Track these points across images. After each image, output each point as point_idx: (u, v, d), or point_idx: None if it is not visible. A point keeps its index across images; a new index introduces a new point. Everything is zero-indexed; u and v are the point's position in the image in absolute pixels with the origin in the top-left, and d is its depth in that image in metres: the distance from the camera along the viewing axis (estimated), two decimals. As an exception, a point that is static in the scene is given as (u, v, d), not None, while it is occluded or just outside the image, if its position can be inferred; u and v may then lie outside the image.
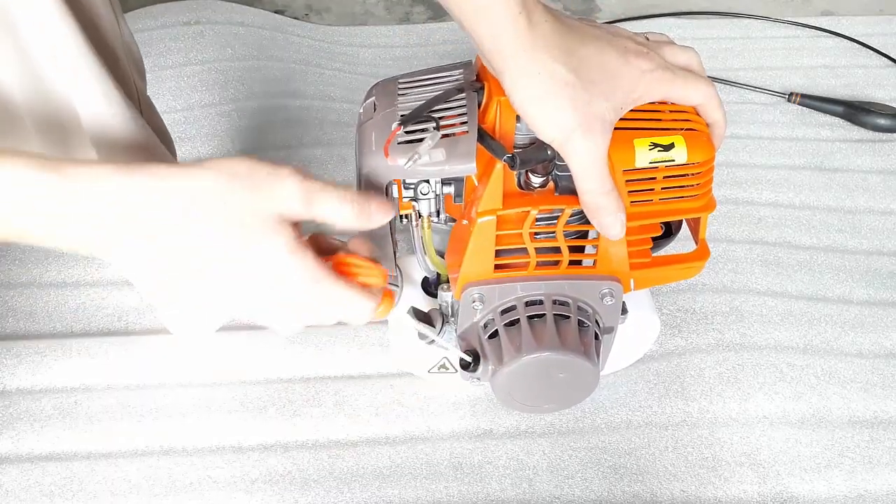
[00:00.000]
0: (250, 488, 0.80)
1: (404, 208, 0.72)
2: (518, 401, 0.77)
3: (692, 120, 0.68)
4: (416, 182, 0.70)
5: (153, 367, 0.89)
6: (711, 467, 0.82)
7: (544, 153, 0.66)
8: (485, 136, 0.66)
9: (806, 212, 1.10)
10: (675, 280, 0.77)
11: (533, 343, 0.71)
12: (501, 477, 0.81)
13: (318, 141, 1.17)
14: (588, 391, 0.77)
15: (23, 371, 0.88)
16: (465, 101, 0.67)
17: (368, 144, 0.68)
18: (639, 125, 0.67)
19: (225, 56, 1.25)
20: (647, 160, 0.66)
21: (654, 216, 0.70)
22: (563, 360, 0.71)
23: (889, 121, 1.21)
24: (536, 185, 0.69)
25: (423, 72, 0.73)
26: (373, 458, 0.83)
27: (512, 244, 0.70)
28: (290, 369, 0.90)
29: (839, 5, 1.50)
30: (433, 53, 1.37)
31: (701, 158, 0.67)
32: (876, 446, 0.84)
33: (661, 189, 0.68)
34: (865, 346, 0.93)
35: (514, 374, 0.72)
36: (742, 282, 0.99)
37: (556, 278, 0.72)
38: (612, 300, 0.73)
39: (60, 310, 0.94)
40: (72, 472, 0.80)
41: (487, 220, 0.68)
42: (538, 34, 0.61)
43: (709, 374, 0.89)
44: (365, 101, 0.72)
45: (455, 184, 0.71)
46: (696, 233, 0.75)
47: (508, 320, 0.73)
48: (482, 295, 0.72)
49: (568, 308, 0.73)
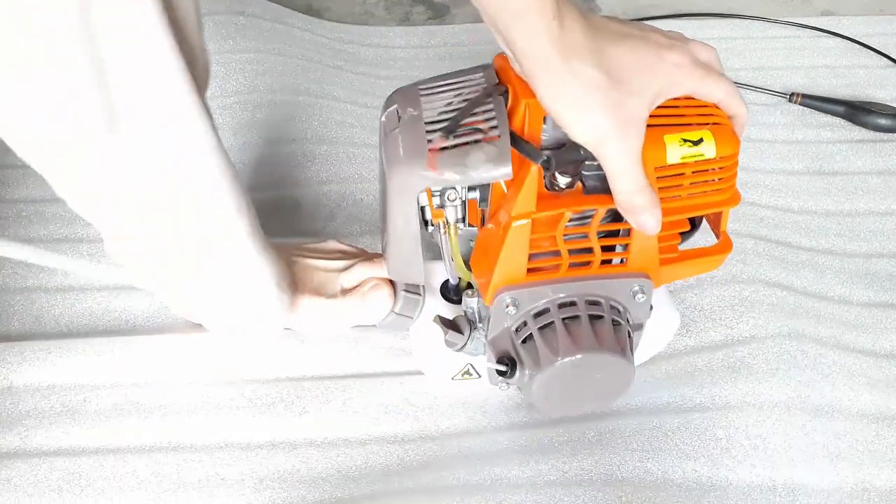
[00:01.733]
0: (258, 486, 0.80)
1: (435, 216, 0.71)
2: (554, 403, 0.77)
3: (714, 114, 0.68)
4: (442, 189, 0.70)
5: (160, 365, 0.89)
6: (725, 448, 0.82)
7: (578, 154, 0.65)
8: (518, 140, 0.66)
9: (804, 216, 1.10)
10: (698, 273, 0.77)
11: (570, 345, 0.71)
12: (509, 459, 0.81)
13: (323, 138, 1.17)
14: (624, 388, 0.77)
15: (29, 369, 0.87)
16: (492, 104, 0.67)
17: (396, 153, 0.67)
18: (667, 121, 0.67)
19: (226, 48, 1.25)
20: (677, 156, 0.66)
21: (683, 211, 0.70)
22: (601, 359, 0.71)
23: (890, 121, 1.22)
24: (564, 186, 0.69)
25: (443, 77, 0.72)
26: (382, 456, 0.82)
27: (544, 247, 0.70)
28: (299, 367, 0.89)
29: (839, 5, 1.50)
30: (434, 55, 1.37)
31: (728, 152, 0.68)
32: (881, 442, 0.84)
33: (690, 184, 0.69)
34: (867, 345, 0.93)
35: (552, 377, 0.72)
36: (751, 272, 0.99)
37: (588, 278, 0.72)
38: (643, 297, 0.73)
39: (67, 313, 0.94)
40: (80, 468, 0.80)
41: (522, 223, 0.67)
42: (570, 38, 0.62)
43: (719, 366, 0.89)
44: (387, 109, 0.71)
45: (481, 189, 0.71)
46: (717, 226, 0.75)
47: (542, 323, 0.72)
48: (515, 299, 0.72)
49: (601, 308, 0.73)
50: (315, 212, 1.08)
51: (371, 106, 1.24)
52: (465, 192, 0.71)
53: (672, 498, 0.78)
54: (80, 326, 0.93)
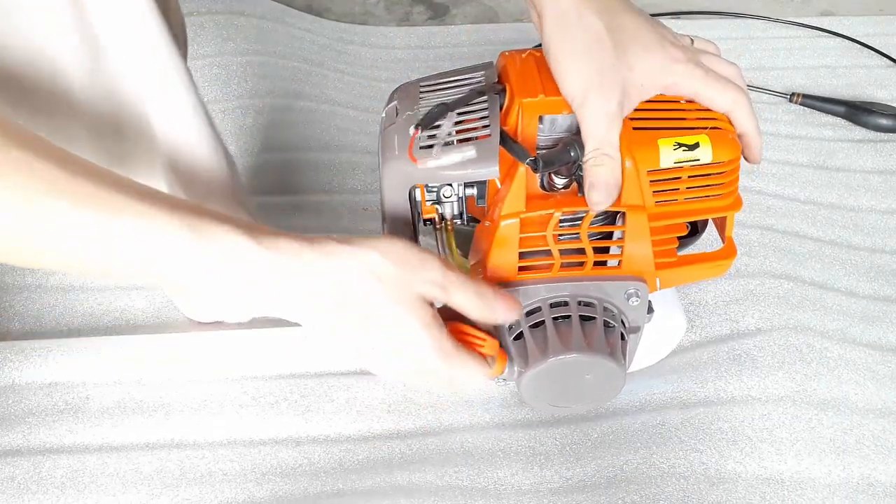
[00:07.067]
0: (260, 479, 0.80)
1: (427, 212, 0.72)
2: (545, 401, 0.76)
3: (716, 118, 0.68)
4: (438, 186, 0.70)
5: (163, 363, 0.89)
6: (732, 440, 0.82)
7: (567, 155, 0.66)
8: (507, 139, 0.66)
9: (810, 206, 1.10)
10: (703, 278, 0.77)
11: (559, 345, 0.70)
12: (512, 462, 0.81)
13: (326, 146, 1.17)
14: (615, 391, 0.76)
15: (31, 368, 0.87)
16: (486, 103, 0.67)
17: (391, 149, 0.68)
18: (663, 125, 0.67)
19: (227, 50, 1.24)
20: (671, 160, 0.66)
21: (680, 216, 0.70)
22: (590, 361, 0.71)
23: (890, 121, 1.21)
24: (559, 187, 0.69)
25: (445, 74, 0.73)
26: (384, 451, 0.82)
27: (536, 246, 0.70)
28: (303, 365, 0.89)
29: (839, 5, 1.51)
30: (434, 56, 1.37)
31: (726, 157, 0.67)
32: (888, 437, 0.84)
33: (686, 189, 0.69)
34: (872, 338, 0.93)
35: (540, 375, 0.72)
36: (756, 265, 0.99)
37: (581, 279, 0.72)
38: (637, 300, 0.73)
39: (68, 312, 0.94)
40: (83, 465, 0.80)
41: (511, 222, 0.67)
42: None
43: (724, 360, 0.89)
44: (387, 106, 0.72)
45: (478, 186, 0.71)
46: (723, 231, 0.75)
47: (533, 322, 0.72)
48: None
49: (593, 309, 0.72)
50: (315, 219, 1.08)
51: (372, 111, 1.24)
52: (462, 189, 0.71)
53: (679, 492, 0.78)
54: (81, 326, 0.93)
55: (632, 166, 0.66)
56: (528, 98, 0.66)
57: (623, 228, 0.69)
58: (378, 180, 0.71)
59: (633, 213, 0.68)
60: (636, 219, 0.68)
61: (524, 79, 0.68)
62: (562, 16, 0.64)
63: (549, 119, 0.68)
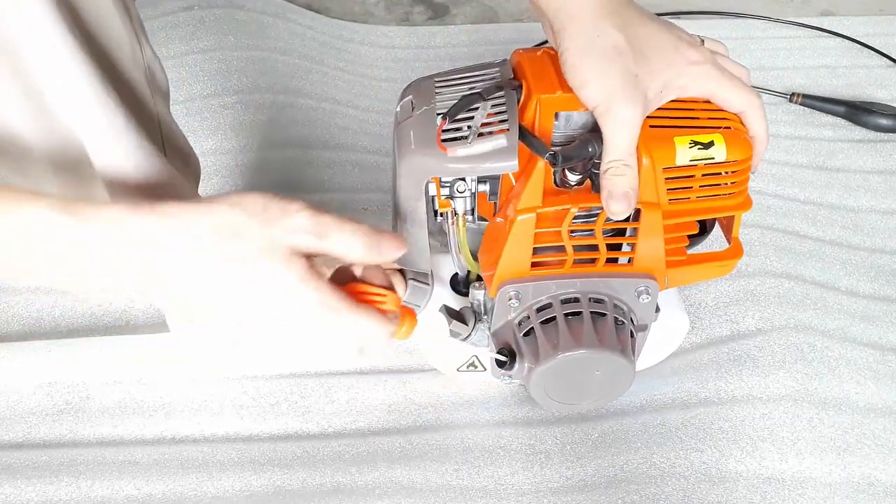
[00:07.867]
0: (259, 470, 0.80)
1: (442, 206, 0.72)
2: (553, 398, 0.77)
3: (729, 118, 0.69)
4: (452, 180, 0.70)
5: (163, 363, 0.89)
6: (732, 440, 0.82)
7: (586, 151, 0.66)
8: (526, 134, 0.66)
9: (810, 206, 1.10)
10: (709, 278, 0.78)
11: (570, 341, 0.71)
12: (512, 461, 0.81)
13: (326, 144, 1.17)
14: (624, 388, 0.77)
15: (32, 367, 0.87)
16: (504, 98, 0.67)
17: (407, 143, 0.68)
18: (679, 123, 0.67)
19: (226, 44, 1.24)
20: (687, 158, 0.67)
21: (692, 214, 0.70)
22: (600, 357, 0.71)
23: (890, 121, 1.22)
24: (573, 183, 0.69)
25: (459, 70, 0.73)
26: (384, 446, 0.82)
27: (549, 242, 0.70)
28: (303, 365, 0.89)
29: (839, 5, 1.51)
30: (434, 56, 1.37)
31: (739, 157, 0.68)
32: (888, 436, 0.84)
33: (700, 187, 0.69)
34: (873, 338, 0.93)
35: (550, 371, 0.72)
36: (757, 264, 0.99)
37: (593, 276, 0.72)
38: (647, 298, 0.73)
39: (67, 313, 0.94)
40: (80, 456, 0.80)
41: (527, 217, 0.68)
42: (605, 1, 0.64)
43: (724, 360, 0.89)
44: (402, 100, 0.72)
45: (490, 182, 0.71)
46: (729, 231, 0.75)
47: (545, 318, 0.73)
48: (518, 292, 0.72)
49: (604, 306, 0.73)
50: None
51: (372, 110, 1.24)
52: (475, 184, 0.71)
53: (679, 492, 0.78)
54: (81, 326, 0.93)
55: (649, 164, 0.66)
56: (545, 94, 0.66)
57: (637, 225, 0.69)
58: (378, 179, 0.70)
59: (648, 210, 0.68)
60: (651, 216, 0.69)
61: (540, 76, 0.68)
62: (581, 30, 0.64)
63: (565, 116, 0.69)
